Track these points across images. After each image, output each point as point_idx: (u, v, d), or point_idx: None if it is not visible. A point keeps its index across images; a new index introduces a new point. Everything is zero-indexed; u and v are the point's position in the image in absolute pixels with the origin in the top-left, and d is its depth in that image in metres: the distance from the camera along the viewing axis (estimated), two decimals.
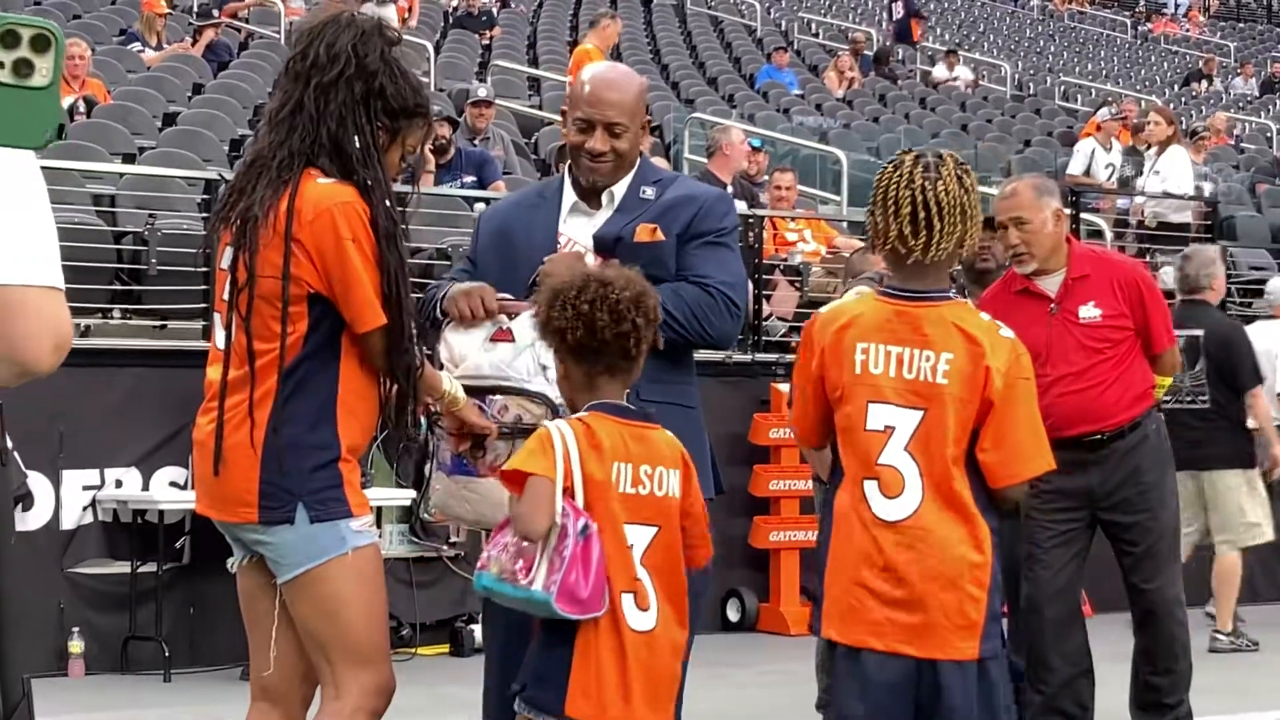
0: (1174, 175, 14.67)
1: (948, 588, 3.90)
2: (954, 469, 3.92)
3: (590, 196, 4.49)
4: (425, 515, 4.33)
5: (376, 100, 3.96)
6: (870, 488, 3.95)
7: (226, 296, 3.99)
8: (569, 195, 4.52)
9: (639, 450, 3.80)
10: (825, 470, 4.59)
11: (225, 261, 4.02)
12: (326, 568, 3.92)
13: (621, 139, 4.42)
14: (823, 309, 4.27)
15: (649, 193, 4.47)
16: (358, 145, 3.94)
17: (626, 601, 3.72)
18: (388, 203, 3.95)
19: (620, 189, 4.48)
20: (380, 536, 4.18)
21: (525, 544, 3.70)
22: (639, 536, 3.76)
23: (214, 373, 4.02)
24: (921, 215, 3.95)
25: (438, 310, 4.33)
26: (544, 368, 4.11)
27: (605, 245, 4.36)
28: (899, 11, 29.74)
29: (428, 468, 4.23)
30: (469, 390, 4.12)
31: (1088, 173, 16.61)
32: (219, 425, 3.94)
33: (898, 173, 4.00)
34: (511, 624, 4.12)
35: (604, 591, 3.69)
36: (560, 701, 3.69)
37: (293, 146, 3.96)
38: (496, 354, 4.13)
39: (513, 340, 4.18)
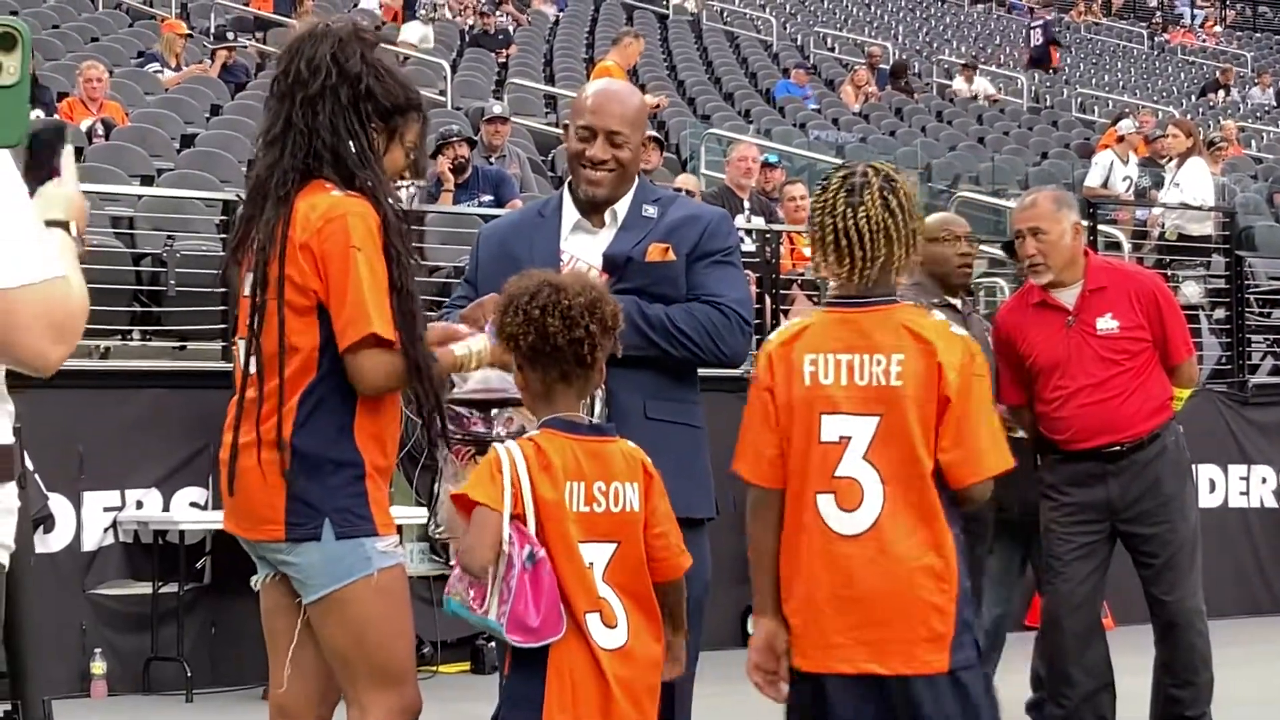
0: (1194, 187, 14.63)
1: (911, 599, 3.76)
2: (918, 474, 3.78)
3: (592, 214, 4.49)
4: (435, 534, 4.31)
5: (365, 103, 3.96)
6: (825, 502, 3.81)
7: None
8: (570, 213, 4.52)
9: (592, 467, 3.73)
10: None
11: (248, 289, 4.03)
12: (352, 589, 3.90)
13: (623, 149, 4.43)
14: (767, 338, 4.08)
15: (650, 211, 4.48)
16: (353, 150, 3.94)
17: (592, 621, 3.66)
18: (390, 200, 3.95)
19: (622, 207, 4.49)
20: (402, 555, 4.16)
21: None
22: (597, 554, 3.69)
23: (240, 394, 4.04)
24: (844, 243, 3.85)
25: None
26: None
27: (615, 264, 4.36)
28: (1038, 38, 29.80)
29: (437, 485, 4.21)
30: (476, 404, 4.11)
31: (1105, 185, 16.58)
32: (234, 445, 3.95)
33: (824, 199, 3.91)
34: None
35: (559, 616, 3.62)
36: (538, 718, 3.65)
37: (287, 164, 3.96)
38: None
39: None
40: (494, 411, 4.12)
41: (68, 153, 2.82)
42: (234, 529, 4.05)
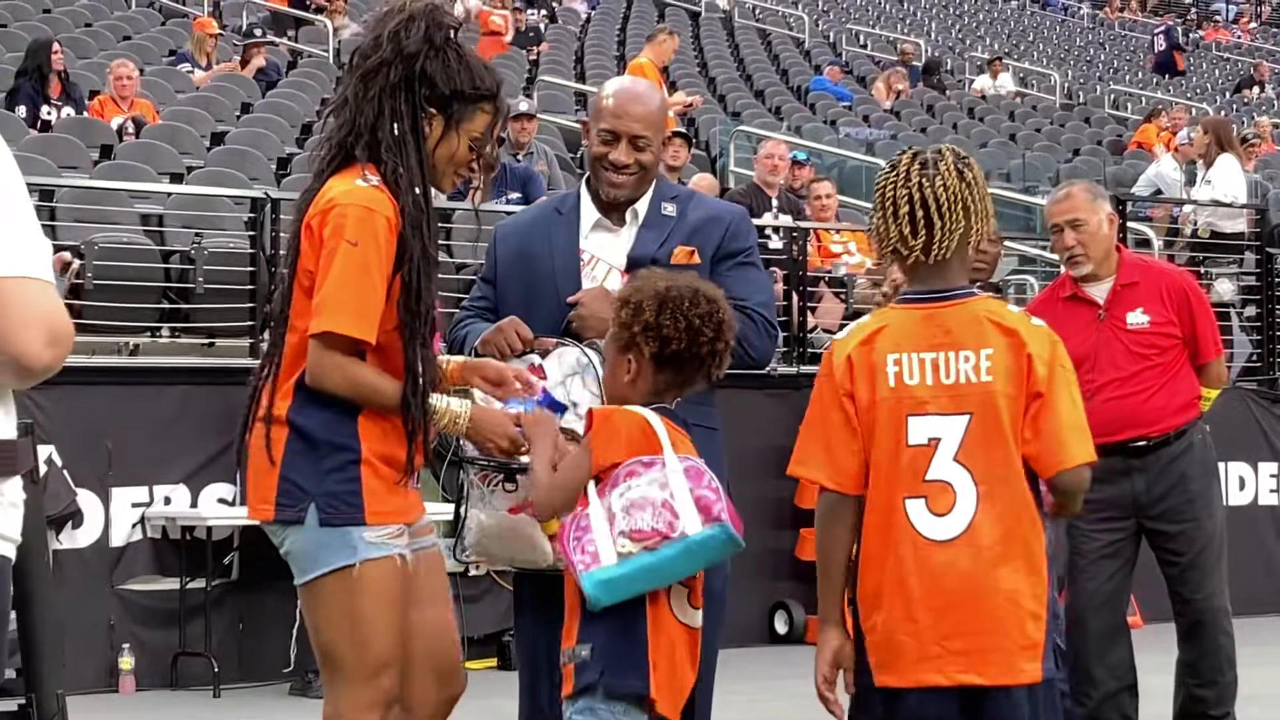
0: (1226, 184, 14.55)
1: (1009, 605, 3.58)
2: (1013, 473, 3.63)
3: (611, 212, 4.47)
4: (463, 560, 4.20)
5: (420, 85, 3.85)
6: (915, 507, 3.63)
7: None
8: (589, 210, 4.49)
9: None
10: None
11: None
12: (332, 578, 3.81)
13: (645, 152, 4.41)
14: (836, 337, 3.90)
15: (670, 209, 4.47)
16: (394, 132, 3.83)
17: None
18: (416, 190, 3.83)
19: (642, 205, 4.47)
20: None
21: (649, 495, 3.64)
22: None
23: None
24: (920, 214, 3.68)
25: (470, 352, 4.29)
26: (574, 404, 4.08)
27: (641, 266, 4.33)
28: (1161, 44, 29.68)
29: (462, 509, 4.14)
30: None
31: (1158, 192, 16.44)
32: (241, 423, 3.93)
33: (895, 173, 3.75)
34: (539, 645, 4.22)
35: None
36: (645, 681, 3.64)
37: (334, 138, 3.92)
38: None
39: (544, 378, 4.15)
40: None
41: None
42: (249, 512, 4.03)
